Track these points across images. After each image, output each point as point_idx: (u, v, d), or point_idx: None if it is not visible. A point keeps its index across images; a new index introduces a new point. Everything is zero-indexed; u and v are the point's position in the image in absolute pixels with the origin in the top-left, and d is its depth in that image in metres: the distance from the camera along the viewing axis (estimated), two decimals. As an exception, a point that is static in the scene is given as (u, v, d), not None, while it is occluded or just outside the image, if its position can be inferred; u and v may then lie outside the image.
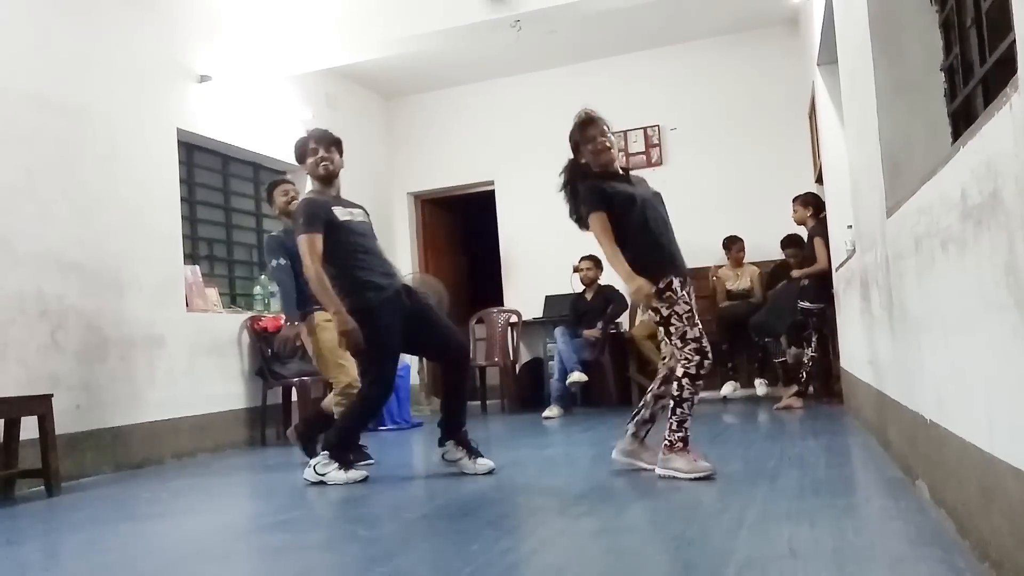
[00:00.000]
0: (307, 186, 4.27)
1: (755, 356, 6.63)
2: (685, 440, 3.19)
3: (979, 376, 1.73)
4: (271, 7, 5.98)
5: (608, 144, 3.44)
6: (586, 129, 3.45)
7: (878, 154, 2.81)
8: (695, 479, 3.10)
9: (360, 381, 3.92)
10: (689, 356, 3.19)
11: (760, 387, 6.50)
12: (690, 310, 3.25)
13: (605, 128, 3.46)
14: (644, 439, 3.47)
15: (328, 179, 3.94)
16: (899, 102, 2.74)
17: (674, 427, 3.19)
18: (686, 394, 3.19)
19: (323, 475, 3.70)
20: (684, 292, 3.29)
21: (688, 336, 3.21)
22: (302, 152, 3.97)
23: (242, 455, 5.39)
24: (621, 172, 3.50)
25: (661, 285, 3.24)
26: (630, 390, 7.02)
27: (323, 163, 3.90)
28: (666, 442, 3.20)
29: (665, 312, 3.24)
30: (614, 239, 3.30)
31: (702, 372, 3.20)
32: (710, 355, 3.22)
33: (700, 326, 3.27)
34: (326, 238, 3.74)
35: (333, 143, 3.99)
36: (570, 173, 3.53)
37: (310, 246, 3.70)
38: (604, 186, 3.39)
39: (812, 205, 6.04)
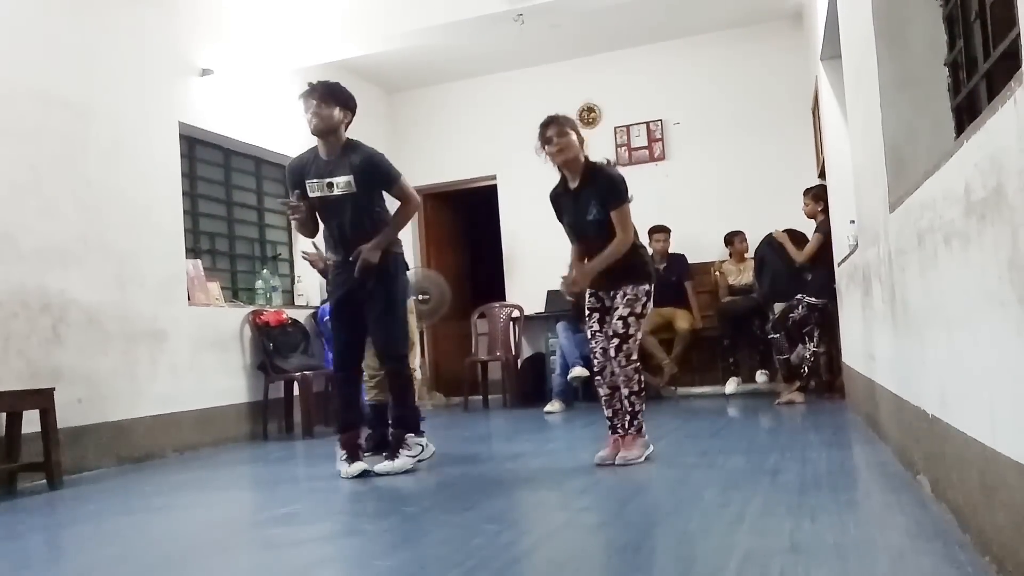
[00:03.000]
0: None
1: (757, 351, 6.62)
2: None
3: (981, 371, 1.72)
4: (273, 1, 5.97)
5: (552, 150, 3.58)
6: (543, 130, 3.62)
7: (881, 149, 2.80)
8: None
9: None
10: None
11: (760, 376, 6.49)
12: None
13: (559, 131, 3.58)
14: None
15: (320, 134, 3.73)
16: (903, 97, 2.73)
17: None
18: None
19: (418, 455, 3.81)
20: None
21: None
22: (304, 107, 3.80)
23: (244, 449, 5.40)
24: (571, 188, 3.66)
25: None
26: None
27: (312, 118, 3.70)
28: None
29: None
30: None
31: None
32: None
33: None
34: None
35: (328, 94, 3.72)
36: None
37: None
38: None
39: (823, 199, 6.04)
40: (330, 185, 3.75)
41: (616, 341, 3.53)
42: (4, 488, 4.00)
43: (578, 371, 6.43)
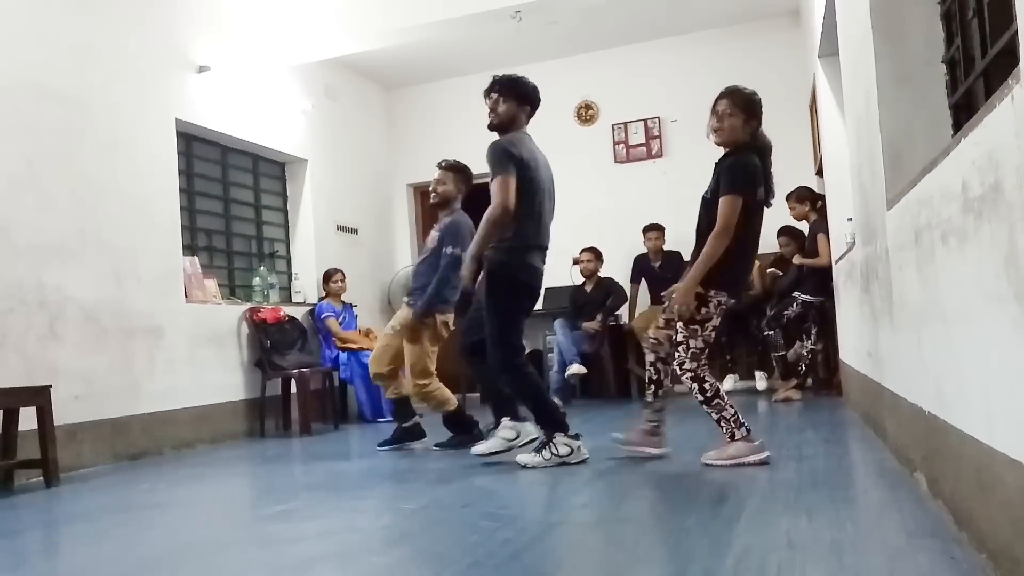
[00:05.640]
0: None
1: (754, 349, 6.62)
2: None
3: (978, 368, 1.73)
4: (270, -3, 5.96)
5: (713, 125, 3.40)
6: (716, 100, 3.42)
7: (879, 146, 2.80)
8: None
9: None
10: None
11: (760, 381, 6.49)
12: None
13: (726, 110, 3.36)
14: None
15: (494, 130, 3.83)
16: (900, 94, 2.73)
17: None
18: None
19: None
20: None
21: None
22: None
23: (241, 446, 5.40)
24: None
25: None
26: (629, 382, 7.03)
27: (488, 113, 3.81)
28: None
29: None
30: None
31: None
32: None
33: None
34: None
35: (506, 88, 3.82)
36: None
37: None
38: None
39: (808, 199, 6.03)
40: None
41: (672, 348, 3.41)
42: (1, 485, 4.00)
43: (575, 368, 6.43)
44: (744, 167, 3.28)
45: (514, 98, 3.79)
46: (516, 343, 3.67)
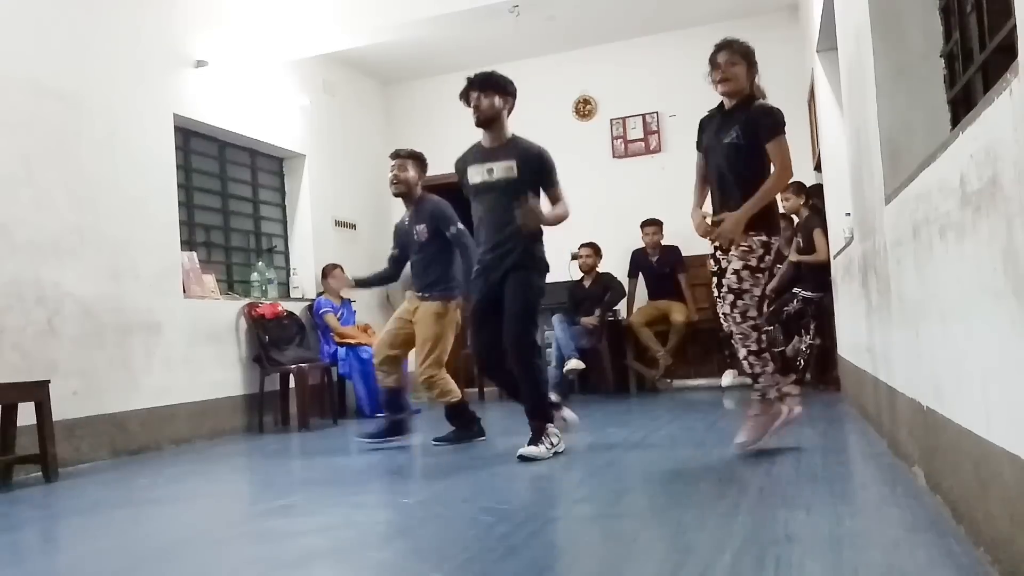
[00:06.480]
0: None
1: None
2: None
3: (976, 363, 1.73)
4: (268, -8, 5.95)
5: (717, 77, 3.43)
6: (714, 54, 3.45)
7: (877, 141, 2.80)
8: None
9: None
10: None
11: (726, 377, 6.52)
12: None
13: (729, 59, 3.41)
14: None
15: (483, 125, 3.93)
16: (899, 89, 2.73)
17: None
18: None
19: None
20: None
21: None
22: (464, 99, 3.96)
23: (240, 442, 5.40)
24: (724, 108, 3.51)
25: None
26: (627, 378, 7.03)
27: (473, 112, 3.91)
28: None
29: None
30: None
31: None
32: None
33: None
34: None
35: (483, 85, 3.89)
36: None
37: None
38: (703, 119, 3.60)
39: (803, 192, 6.03)
40: (490, 171, 3.86)
41: (731, 298, 3.26)
42: (0, 481, 4.01)
43: (574, 363, 6.43)
44: (778, 112, 3.37)
45: (495, 92, 3.89)
46: (536, 326, 3.85)
